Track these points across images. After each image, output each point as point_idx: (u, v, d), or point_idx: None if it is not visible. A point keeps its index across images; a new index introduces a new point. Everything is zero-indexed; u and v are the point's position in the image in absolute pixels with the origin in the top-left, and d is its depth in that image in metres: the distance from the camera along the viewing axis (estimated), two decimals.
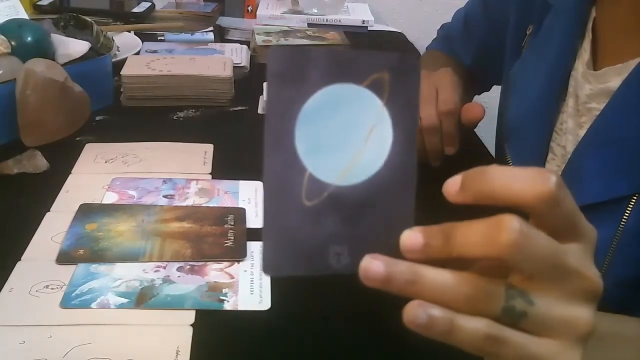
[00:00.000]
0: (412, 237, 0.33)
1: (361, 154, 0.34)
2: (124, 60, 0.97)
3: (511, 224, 0.31)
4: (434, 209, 0.36)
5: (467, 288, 0.31)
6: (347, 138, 0.33)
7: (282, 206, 0.33)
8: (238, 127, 0.89)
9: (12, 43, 0.81)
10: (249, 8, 1.42)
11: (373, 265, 0.32)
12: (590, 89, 0.63)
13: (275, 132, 0.32)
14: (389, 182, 0.34)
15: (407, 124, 0.34)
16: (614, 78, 0.60)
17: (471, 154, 0.83)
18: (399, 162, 0.34)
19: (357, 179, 0.34)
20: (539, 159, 0.69)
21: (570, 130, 0.66)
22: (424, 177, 0.36)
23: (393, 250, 0.33)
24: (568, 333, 0.33)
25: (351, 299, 0.56)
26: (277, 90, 0.32)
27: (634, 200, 0.55)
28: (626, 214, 0.56)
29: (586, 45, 0.66)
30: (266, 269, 0.33)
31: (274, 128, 0.32)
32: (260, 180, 0.33)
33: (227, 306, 0.54)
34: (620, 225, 0.56)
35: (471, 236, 0.32)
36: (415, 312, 0.32)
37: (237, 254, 0.60)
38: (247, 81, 1.04)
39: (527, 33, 0.77)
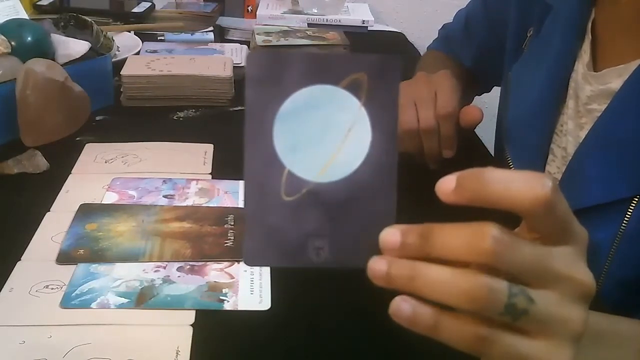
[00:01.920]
0: (390, 235, 0.33)
1: (339, 153, 0.35)
2: (124, 60, 0.97)
3: (491, 232, 0.31)
4: (430, 209, 0.36)
5: (470, 284, 0.31)
6: (325, 137, 0.35)
7: (262, 202, 0.35)
8: (238, 127, 0.88)
9: (12, 43, 0.81)
10: (249, 8, 1.42)
11: (376, 264, 0.33)
12: (591, 90, 0.63)
13: (254, 133, 0.34)
14: (368, 181, 0.35)
15: (386, 124, 0.35)
16: (614, 79, 0.60)
17: (471, 154, 0.83)
18: (378, 161, 0.35)
19: (336, 176, 0.35)
20: (539, 160, 0.69)
21: (571, 131, 0.66)
22: (420, 177, 0.36)
23: (374, 247, 0.34)
24: (562, 333, 0.33)
25: (351, 298, 0.56)
26: (255, 93, 0.34)
27: (634, 202, 0.55)
28: (627, 216, 0.56)
29: (586, 46, 0.66)
30: (247, 259, 0.35)
31: (253, 128, 0.34)
32: None
33: (227, 306, 0.54)
34: (621, 227, 0.56)
35: (452, 240, 0.32)
36: (399, 306, 0.33)
37: (237, 254, 0.60)
38: None
39: (528, 35, 0.77)
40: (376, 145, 0.35)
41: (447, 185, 0.33)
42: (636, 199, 0.55)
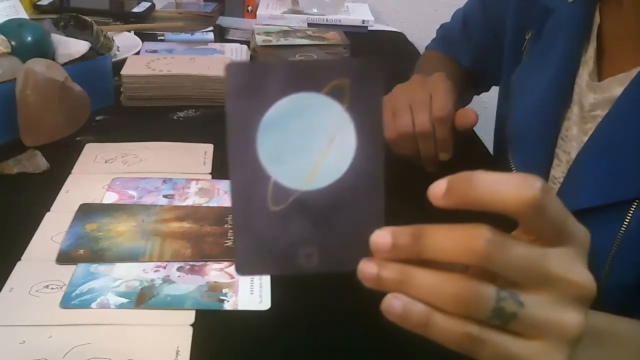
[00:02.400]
0: (381, 237, 0.33)
1: (324, 160, 0.35)
2: (124, 60, 0.97)
3: (485, 234, 0.31)
4: (424, 213, 0.36)
5: (457, 289, 0.32)
6: (309, 145, 0.35)
7: (250, 212, 0.35)
8: None
9: (12, 43, 0.81)
10: (249, 8, 1.42)
11: (366, 267, 0.33)
12: (594, 98, 0.63)
13: (238, 144, 0.34)
14: (355, 186, 0.35)
15: (371, 128, 0.35)
16: (617, 88, 0.60)
17: (471, 154, 0.83)
18: (364, 165, 0.35)
19: (322, 183, 0.35)
20: (543, 165, 0.69)
21: (575, 137, 0.66)
22: (413, 180, 0.36)
23: (365, 250, 0.34)
24: (556, 336, 0.33)
25: (351, 299, 0.56)
26: (236, 104, 0.34)
27: (634, 205, 0.55)
28: (627, 219, 0.56)
29: (591, 52, 0.65)
30: (239, 269, 0.35)
31: (236, 140, 0.34)
32: None
33: (227, 306, 0.54)
34: (621, 230, 0.56)
35: (444, 241, 0.32)
36: (390, 302, 0.33)
37: None
38: None
39: (527, 38, 0.77)
40: (362, 150, 0.34)
41: (438, 190, 0.33)
42: (636, 202, 0.55)
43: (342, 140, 0.34)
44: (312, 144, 0.34)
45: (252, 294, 0.56)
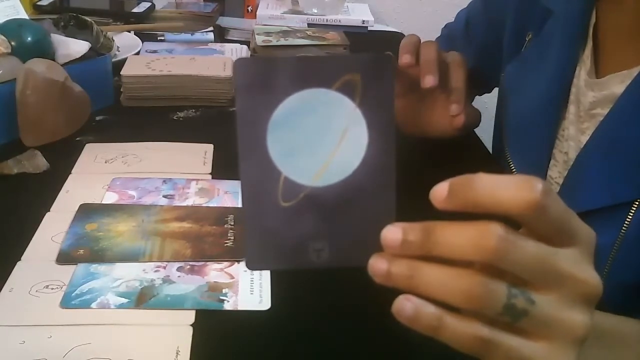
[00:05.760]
0: (391, 233, 0.33)
1: (335, 156, 0.35)
2: (124, 60, 0.97)
3: (496, 231, 0.31)
4: (433, 211, 0.36)
5: (468, 284, 0.31)
6: (320, 141, 0.35)
7: (260, 208, 0.35)
8: None
9: (12, 43, 0.81)
10: (249, 8, 1.42)
11: (377, 262, 0.33)
12: (594, 96, 0.63)
13: (248, 141, 0.34)
14: (367, 182, 0.35)
15: (383, 123, 0.35)
16: (617, 85, 0.60)
17: (471, 154, 0.83)
18: (376, 161, 0.35)
19: (333, 179, 0.35)
20: (541, 165, 0.69)
21: (572, 136, 0.66)
22: (422, 177, 0.36)
23: (376, 246, 0.34)
24: (564, 335, 0.33)
25: (352, 298, 0.56)
26: (246, 100, 0.34)
27: (635, 206, 0.55)
28: (627, 220, 0.56)
29: (588, 51, 0.65)
30: (249, 264, 0.36)
31: (246, 137, 0.34)
32: None
33: (227, 306, 0.54)
34: (622, 231, 0.56)
35: (455, 238, 0.32)
36: (402, 304, 0.33)
37: (237, 254, 0.60)
38: None
39: (527, 39, 0.77)
40: (373, 146, 0.35)
41: (440, 193, 0.33)
42: (636, 203, 0.55)
43: (354, 136, 0.34)
44: (323, 140, 0.35)
45: (252, 294, 0.56)
